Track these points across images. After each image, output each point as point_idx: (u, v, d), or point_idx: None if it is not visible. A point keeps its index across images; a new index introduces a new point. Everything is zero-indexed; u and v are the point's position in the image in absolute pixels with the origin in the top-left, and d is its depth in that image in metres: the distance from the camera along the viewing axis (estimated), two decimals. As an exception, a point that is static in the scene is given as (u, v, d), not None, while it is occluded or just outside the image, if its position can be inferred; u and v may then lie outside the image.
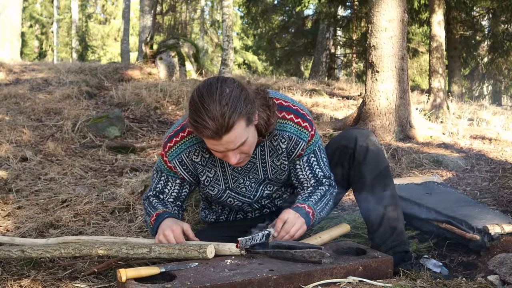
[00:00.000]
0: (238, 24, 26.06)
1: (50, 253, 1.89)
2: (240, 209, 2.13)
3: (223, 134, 1.62)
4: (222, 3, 10.21)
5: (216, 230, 2.11)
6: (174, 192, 1.99)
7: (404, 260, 1.95)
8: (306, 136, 1.91)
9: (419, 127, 5.47)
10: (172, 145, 1.90)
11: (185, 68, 9.28)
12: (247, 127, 1.69)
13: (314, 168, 1.97)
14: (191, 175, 1.95)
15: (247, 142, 1.71)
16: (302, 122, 1.90)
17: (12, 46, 12.62)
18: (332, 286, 1.62)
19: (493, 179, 3.62)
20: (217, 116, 1.60)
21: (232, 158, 1.72)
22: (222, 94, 1.62)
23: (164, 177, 1.98)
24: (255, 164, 1.95)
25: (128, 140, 5.34)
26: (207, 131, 1.62)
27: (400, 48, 5.28)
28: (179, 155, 1.89)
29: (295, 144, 1.91)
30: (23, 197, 3.25)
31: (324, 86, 10.24)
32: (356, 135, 1.99)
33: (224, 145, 1.67)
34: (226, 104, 1.61)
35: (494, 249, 2.16)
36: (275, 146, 1.93)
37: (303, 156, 1.95)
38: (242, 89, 1.69)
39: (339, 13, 14.58)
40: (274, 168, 1.97)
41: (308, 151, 1.95)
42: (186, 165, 1.91)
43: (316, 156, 1.97)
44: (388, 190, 1.98)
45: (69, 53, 25.74)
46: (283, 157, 1.95)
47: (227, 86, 1.66)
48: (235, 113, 1.62)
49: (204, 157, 1.91)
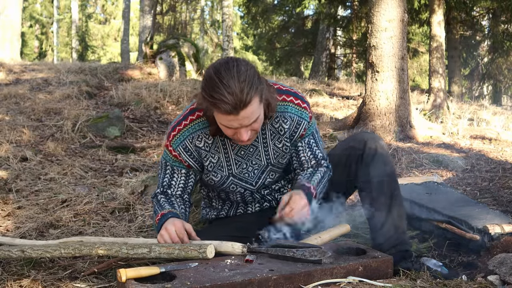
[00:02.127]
0: (238, 24, 26.07)
1: (50, 253, 1.89)
2: (241, 200, 2.15)
3: (241, 109, 1.68)
4: (222, 3, 10.22)
5: (217, 229, 2.13)
6: (181, 183, 2.03)
7: (404, 258, 1.97)
8: (307, 116, 2.00)
9: (419, 127, 5.47)
10: (175, 133, 1.96)
11: (185, 68, 9.28)
12: (260, 104, 1.77)
13: (313, 149, 2.06)
14: (196, 161, 1.99)
15: (259, 119, 1.79)
16: (302, 103, 2.00)
17: (12, 46, 12.62)
18: (332, 286, 1.62)
19: (493, 179, 3.62)
20: (236, 91, 1.65)
21: (244, 135, 1.78)
22: (239, 71, 1.69)
23: (170, 169, 2.02)
24: (257, 148, 2.00)
25: (128, 140, 5.34)
26: (226, 106, 1.67)
27: (400, 48, 5.28)
28: (182, 142, 1.95)
29: (298, 124, 1.99)
30: (23, 197, 3.25)
31: (324, 86, 10.24)
32: (366, 138, 2.05)
33: (239, 120, 1.72)
34: (244, 80, 1.68)
35: (494, 249, 2.17)
36: (277, 128, 1.99)
37: (304, 137, 2.03)
38: (255, 69, 1.77)
39: (339, 13, 14.58)
40: (276, 151, 2.03)
41: (309, 132, 2.03)
42: (190, 151, 1.96)
43: (315, 138, 2.07)
44: (394, 191, 2.02)
45: (69, 53, 25.74)
46: (285, 138, 2.01)
47: (242, 65, 1.73)
48: (252, 89, 1.69)
49: (207, 143, 1.97)
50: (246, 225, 2.07)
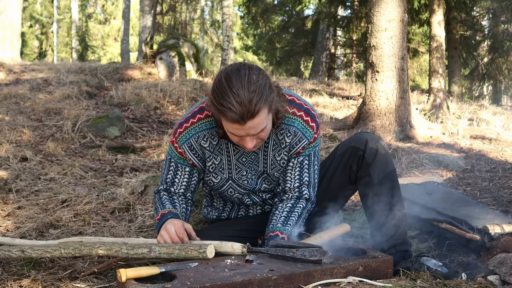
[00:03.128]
0: (238, 24, 26.05)
1: (50, 253, 1.89)
2: (242, 203, 2.15)
3: (248, 119, 1.67)
4: (222, 3, 10.22)
5: (217, 229, 2.13)
6: (184, 181, 2.02)
7: (404, 259, 1.97)
8: (310, 135, 1.97)
9: (419, 127, 5.47)
10: (182, 130, 1.96)
11: (185, 68, 9.28)
12: (268, 115, 1.75)
13: (303, 171, 2.02)
14: (200, 160, 1.99)
15: (266, 128, 1.79)
16: (311, 121, 1.97)
17: (12, 46, 12.62)
18: (332, 286, 1.62)
19: (493, 179, 3.62)
20: (245, 101, 1.64)
21: (249, 143, 1.77)
22: (250, 81, 1.67)
23: (174, 165, 2.02)
24: (257, 156, 2.00)
25: (128, 140, 5.33)
26: (233, 115, 1.66)
27: (400, 48, 5.28)
28: (188, 140, 1.95)
29: (298, 141, 1.97)
30: (23, 197, 3.25)
31: (324, 86, 10.24)
32: (367, 138, 2.05)
33: (246, 130, 1.72)
34: (254, 91, 1.66)
35: (494, 249, 2.16)
36: (280, 140, 1.97)
37: (300, 156, 2.00)
38: (267, 78, 1.75)
39: (339, 13, 14.57)
40: (274, 163, 2.02)
41: (306, 152, 2.00)
42: (195, 149, 1.96)
43: (310, 161, 2.02)
44: (394, 191, 2.02)
45: (69, 53, 25.73)
46: (285, 152, 1.99)
47: (254, 73, 1.71)
48: (261, 100, 1.67)
49: (212, 144, 1.96)
50: (248, 227, 2.07)
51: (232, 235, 1.96)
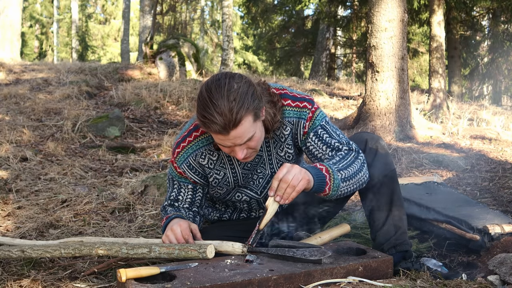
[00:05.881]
0: (238, 24, 26.04)
1: (50, 253, 1.89)
2: (247, 207, 2.15)
3: (230, 129, 1.65)
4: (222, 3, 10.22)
5: (218, 229, 2.13)
6: (188, 198, 2.03)
7: (404, 259, 1.97)
8: (305, 114, 1.91)
9: (419, 127, 5.47)
10: (179, 150, 1.94)
11: (185, 68, 9.28)
12: (254, 123, 1.71)
13: (325, 139, 1.91)
14: (201, 177, 1.99)
15: (254, 137, 1.73)
16: (300, 103, 1.91)
17: (12, 46, 12.62)
18: (332, 286, 1.62)
19: (493, 179, 3.62)
20: (225, 111, 1.61)
21: (239, 153, 1.74)
22: (230, 89, 1.64)
23: (177, 185, 2.02)
24: (262, 157, 1.99)
25: (128, 140, 5.33)
26: (215, 126, 1.64)
27: (400, 48, 5.29)
28: (186, 160, 1.94)
29: (297, 125, 1.92)
30: (23, 197, 3.25)
31: (324, 86, 10.25)
32: (367, 138, 2.03)
33: (231, 140, 1.69)
34: (234, 100, 1.63)
35: (494, 249, 2.17)
36: (278, 136, 1.95)
37: (309, 133, 1.92)
38: (250, 85, 1.71)
39: (339, 13, 14.57)
40: (279, 161, 2.01)
41: (314, 127, 1.92)
42: (194, 168, 1.95)
43: (326, 129, 1.93)
44: (394, 191, 2.01)
45: (69, 53, 25.73)
46: (287, 145, 1.97)
47: (235, 81, 1.68)
48: (242, 109, 1.63)
49: (212, 160, 1.95)
50: (249, 228, 2.07)
51: (233, 235, 1.95)
